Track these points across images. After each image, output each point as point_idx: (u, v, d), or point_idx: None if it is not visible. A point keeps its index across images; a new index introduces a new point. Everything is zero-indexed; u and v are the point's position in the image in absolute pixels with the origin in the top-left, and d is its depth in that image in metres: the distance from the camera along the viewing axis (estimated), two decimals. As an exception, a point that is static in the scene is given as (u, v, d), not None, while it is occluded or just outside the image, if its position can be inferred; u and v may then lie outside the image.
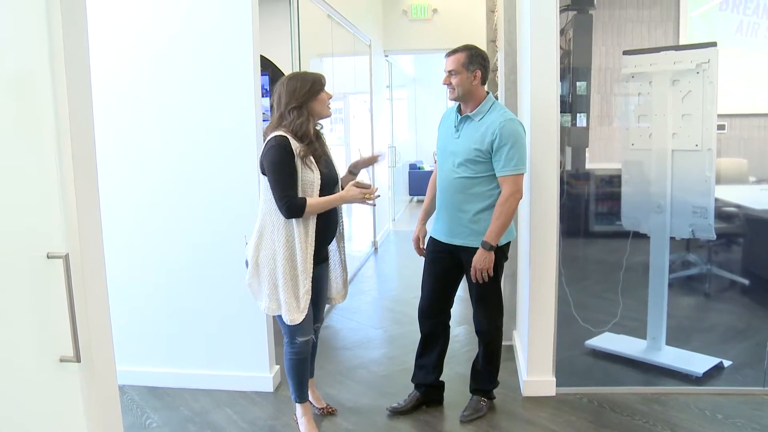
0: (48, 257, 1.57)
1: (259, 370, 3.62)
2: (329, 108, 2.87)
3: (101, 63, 3.46)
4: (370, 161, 3.18)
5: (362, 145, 7.57)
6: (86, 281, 1.71)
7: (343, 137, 7.41)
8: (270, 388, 3.61)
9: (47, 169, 1.60)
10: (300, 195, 2.75)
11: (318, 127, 2.92)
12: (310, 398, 3.27)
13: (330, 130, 6.92)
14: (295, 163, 2.73)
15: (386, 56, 8.58)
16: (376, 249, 7.66)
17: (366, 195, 2.81)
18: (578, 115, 4.34)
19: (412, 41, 8.35)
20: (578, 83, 4.09)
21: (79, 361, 1.62)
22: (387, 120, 9.20)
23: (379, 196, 2.89)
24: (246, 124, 3.41)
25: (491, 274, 2.96)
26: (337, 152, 6.88)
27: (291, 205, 2.71)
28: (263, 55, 4.86)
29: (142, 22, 3.44)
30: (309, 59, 4.87)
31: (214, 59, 3.41)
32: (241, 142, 3.42)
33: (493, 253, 2.93)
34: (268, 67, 5.15)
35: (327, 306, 3.22)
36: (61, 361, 1.61)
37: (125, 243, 3.61)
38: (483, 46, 5.12)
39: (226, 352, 3.64)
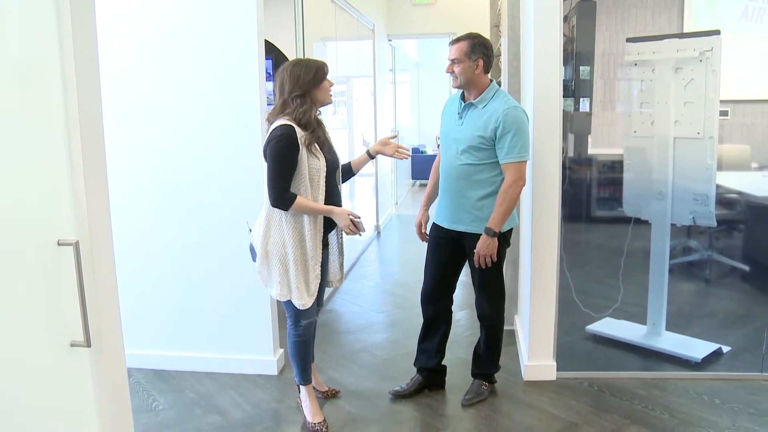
0: (58, 244, 1.59)
1: (263, 354, 3.66)
2: (331, 95, 2.91)
3: (105, 49, 3.47)
4: (391, 150, 3.18)
5: (365, 130, 7.58)
6: (96, 268, 1.73)
7: (346, 120, 7.42)
8: (274, 371, 3.66)
9: (57, 157, 1.61)
10: (306, 183, 2.79)
11: (317, 114, 2.94)
12: (314, 383, 3.32)
13: (333, 113, 6.95)
14: (299, 154, 2.76)
15: (390, 41, 8.55)
16: (378, 233, 7.69)
17: (351, 229, 2.88)
18: (581, 99, 4.35)
19: (416, 26, 8.32)
20: (581, 68, 4.10)
21: (89, 345, 1.65)
22: (390, 104, 9.20)
23: (363, 232, 2.97)
24: (251, 109, 3.43)
25: (494, 259, 3.00)
26: (339, 135, 6.94)
27: (280, 196, 2.75)
28: (267, 39, 4.86)
29: (147, 6, 3.45)
30: (312, 43, 4.87)
31: (219, 44, 3.42)
32: (245, 127, 3.44)
33: (496, 239, 2.96)
34: (271, 51, 5.15)
35: (328, 290, 3.27)
36: (72, 345, 1.64)
37: (130, 228, 3.63)
38: (486, 30, 5.13)
39: (230, 335, 3.69)
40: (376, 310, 4.86)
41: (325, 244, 3.08)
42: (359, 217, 2.90)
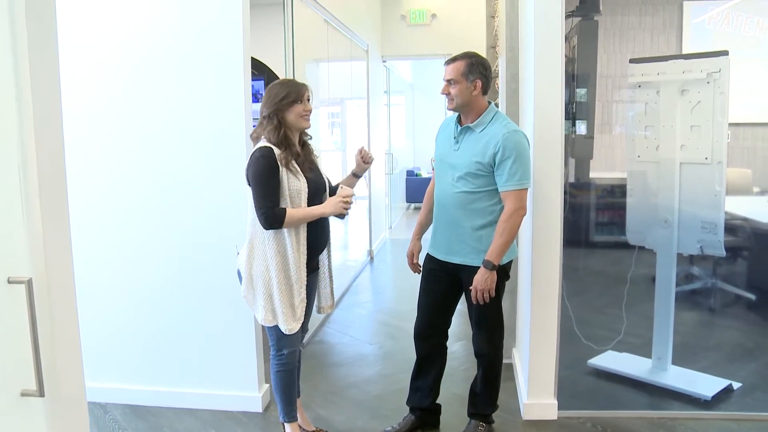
0: (9, 282, 1.43)
1: (246, 390, 3.45)
2: (306, 119, 2.79)
3: (84, 68, 3.33)
4: (365, 160, 3.04)
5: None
6: (53, 308, 1.57)
7: (339, 142, 7.28)
8: (258, 409, 3.45)
9: (9, 185, 1.45)
10: (287, 205, 2.69)
11: (307, 138, 2.91)
12: (301, 422, 3.11)
13: (331, 134, 6.84)
14: (280, 174, 2.68)
15: (384, 62, 8.43)
16: (371, 258, 7.50)
17: (346, 201, 2.77)
18: (577, 122, 4.20)
19: (411, 47, 8.21)
20: (581, 90, 3.95)
21: (42, 395, 1.47)
22: (384, 126, 9.06)
23: (353, 201, 2.84)
24: (235, 130, 3.26)
25: (493, 294, 2.80)
26: (333, 158, 6.80)
27: (270, 216, 2.66)
28: (259, 59, 4.71)
29: (128, 25, 3.29)
30: (305, 64, 4.73)
31: (203, 64, 3.26)
32: (230, 149, 3.28)
33: (495, 273, 2.77)
34: (263, 71, 5.02)
35: (318, 318, 3.12)
36: (23, 395, 1.47)
37: (108, 255, 3.47)
38: (483, 52, 5.00)
39: (212, 370, 3.48)
40: (367, 341, 4.65)
41: (315, 268, 2.96)
42: (348, 193, 2.80)
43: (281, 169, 2.67)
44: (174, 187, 3.37)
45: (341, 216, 2.81)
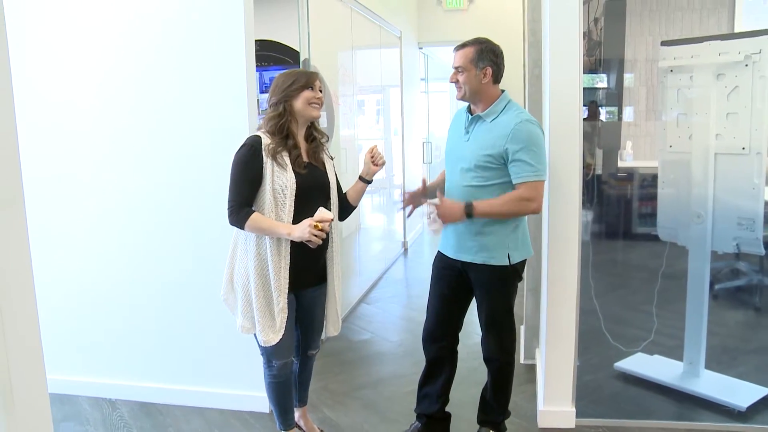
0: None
1: (254, 389, 3.34)
2: (315, 108, 2.59)
3: (77, 56, 3.30)
4: (375, 162, 2.80)
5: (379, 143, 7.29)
6: (6, 323, 1.47)
7: (382, 130, 7.16)
8: (266, 409, 3.34)
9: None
10: (270, 201, 2.49)
11: (323, 140, 2.72)
12: (304, 427, 3.00)
13: (376, 122, 6.80)
14: (264, 167, 2.49)
15: (420, 48, 8.23)
16: (405, 250, 7.34)
17: (318, 228, 2.43)
18: (603, 109, 3.97)
19: (448, 33, 7.98)
20: (598, 75, 3.71)
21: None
22: (422, 114, 8.85)
23: (326, 233, 2.51)
24: (238, 122, 3.14)
25: (444, 224, 2.67)
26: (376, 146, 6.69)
27: (233, 212, 2.50)
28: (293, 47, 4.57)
29: (127, 16, 3.22)
30: (325, 52, 4.59)
31: (201, 51, 3.17)
32: (232, 142, 3.14)
33: (464, 216, 2.57)
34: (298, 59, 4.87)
35: (345, 313, 2.96)
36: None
37: (119, 251, 3.43)
38: (519, 37, 4.79)
39: (221, 368, 3.40)
40: (388, 338, 4.50)
41: (321, 279, 2.74)
42: (328, 219, 2.47)
43: (266, 161, 2.48)
44: (180, 181, 3.30)
45: (310, 243, 2.46)
